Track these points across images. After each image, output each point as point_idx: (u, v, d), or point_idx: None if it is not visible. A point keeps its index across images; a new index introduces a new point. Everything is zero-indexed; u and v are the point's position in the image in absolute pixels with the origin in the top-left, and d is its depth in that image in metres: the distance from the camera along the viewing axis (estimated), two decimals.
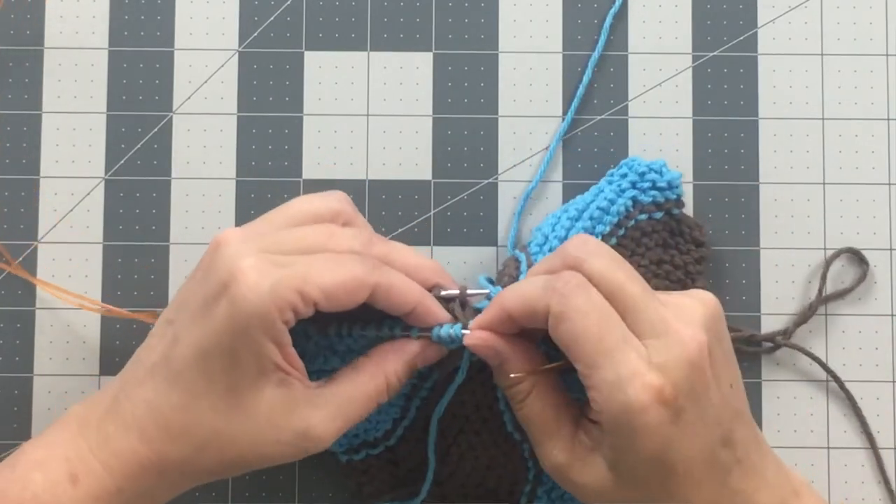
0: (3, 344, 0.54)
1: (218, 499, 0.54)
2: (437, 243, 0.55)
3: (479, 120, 0.55)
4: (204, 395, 0.42)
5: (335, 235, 0.44)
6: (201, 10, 0.56)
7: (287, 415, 0.43)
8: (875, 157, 0.55)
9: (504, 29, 0.56)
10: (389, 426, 0.52)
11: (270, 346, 0.42)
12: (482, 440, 0.51)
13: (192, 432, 0.43)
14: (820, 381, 0.54)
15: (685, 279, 0.52)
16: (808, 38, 0.56)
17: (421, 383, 0.50)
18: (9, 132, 0.55)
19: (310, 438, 0.43)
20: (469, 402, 0.50)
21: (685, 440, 0.41)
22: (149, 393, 0.43)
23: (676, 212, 0.52)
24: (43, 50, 0.55)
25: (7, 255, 0.54)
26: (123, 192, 0.55)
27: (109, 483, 0.43)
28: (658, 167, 0.52)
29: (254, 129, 0.55)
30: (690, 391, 0.41)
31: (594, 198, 0.52)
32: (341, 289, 0.42)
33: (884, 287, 0.55)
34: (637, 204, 0.52)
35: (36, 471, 0.43)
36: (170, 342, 0.43)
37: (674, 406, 0.40)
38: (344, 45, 0.56)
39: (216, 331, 0.42)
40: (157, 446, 0.43)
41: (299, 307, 0.42)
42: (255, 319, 0.41)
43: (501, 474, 0.52)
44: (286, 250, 0.43)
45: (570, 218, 0.51)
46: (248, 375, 0.42)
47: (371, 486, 0.52)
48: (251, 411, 0.42)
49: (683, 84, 0.55)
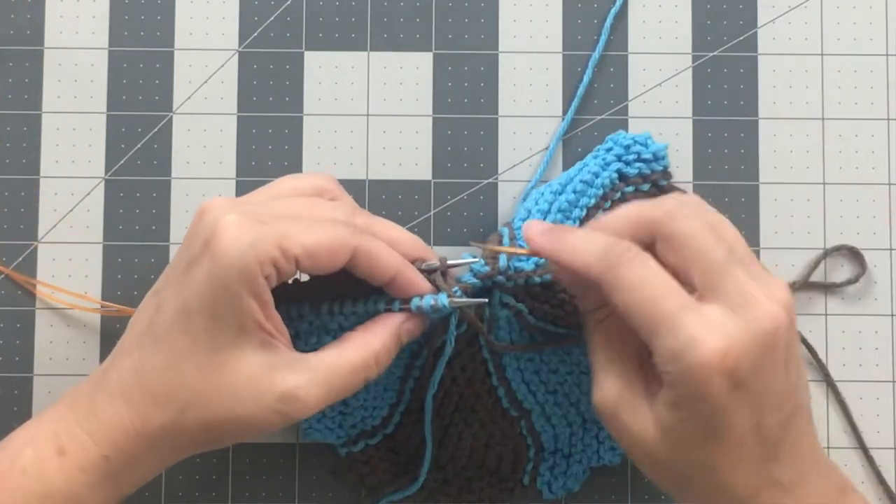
0: (3, 344, 0.54)
1: (218, 499, 0.54)
2: (437, 243, 0.55)
3: (479, 120, 0.55)
4: (186, 355, 0.42)
5: (318, 205, 0.45)
6: (201, 10, 0.56)
7: (268, 377, 0.42)
8: (875, 157, 0.55)
9: (504, 29, 0.56)
10: (386, 412, 0.52)
11: (251, 302, 0.42)
12: (479, 417, 0.51)
13: (175, 393, 0.43)
14: (819, 382, 0.54)
15: None
16: (808, 38, 0.56)
17: (413, 362, 0.51)
18: (9, 132, 0.55)
19: (290, 402, 0.42)
20: (461, 378, 0.50)
21: (739, 413, 0.40)
22: (134, 359, 0.44)
23: (664, 182, 0.53)
24: (43, 50, 0.55)
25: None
26: (123, 192, 0.55)
27: (95, 452, 0.43)
28: (643, 139, 0.53)
29: (254, 129, 0.55)
30: (756, 367, 0.40)
31: (578, 172, 0.52)
32: (323, 247, 0.43)
33: (884, 287, 0.55)
34: (623, 177, 0.52)
35: (26, 447, 0.43)
36: (154, 309, 0.44)
37: (735, 377, 0.39)
38: (344, 45, 0.56)
39: (198, 287, 0.42)
40: (141, 410, 0.43)
41: (280, 261, 0.42)
42: (234, 272, 0.41)
43: (502, 453, 0.52)
44: (270, 215, 0.44)
45: (552, 192, 0.52)
46: (229, 333, 0.42)
47: (373, 476, 0.52)
48: (232, 371, 0.42)
49: (683, 84, 0.55)
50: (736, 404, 0.40)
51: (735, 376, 0.39)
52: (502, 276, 0.48)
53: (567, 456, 0.53)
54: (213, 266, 0.41)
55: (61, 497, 0.42)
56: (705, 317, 0.40)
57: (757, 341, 0.40)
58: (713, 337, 0.39)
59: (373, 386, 0.51)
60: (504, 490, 0.53)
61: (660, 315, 0.40)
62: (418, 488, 0.52)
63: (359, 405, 0.51)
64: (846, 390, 0.54)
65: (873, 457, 0.54)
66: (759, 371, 0.40)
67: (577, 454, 0.53)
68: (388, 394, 0.52)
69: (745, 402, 0.40)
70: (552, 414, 0.52)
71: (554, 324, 0.50)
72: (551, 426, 0.53)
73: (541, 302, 0.50)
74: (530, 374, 0.52)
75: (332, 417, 0.51)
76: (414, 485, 0.52)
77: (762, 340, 0.40)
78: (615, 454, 0.53)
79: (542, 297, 0.50)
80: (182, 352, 0.42)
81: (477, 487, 0.53)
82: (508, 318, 0.50)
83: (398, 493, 0.52)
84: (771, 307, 0.40)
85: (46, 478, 0.42)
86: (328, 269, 0.44)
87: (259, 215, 0.43)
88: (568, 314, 0.50)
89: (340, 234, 0.43)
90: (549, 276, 0.50)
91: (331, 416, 0.51)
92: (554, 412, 0.52)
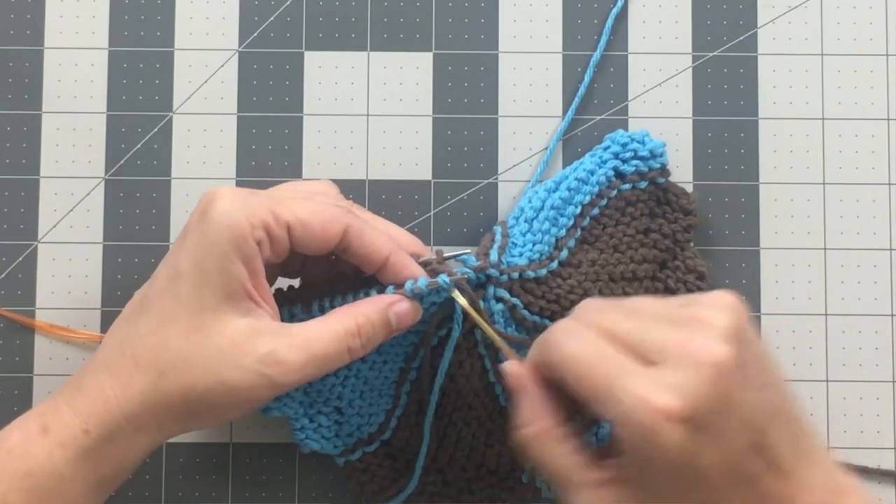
0: (3, 344, 0.54)
1: (218, 499, 0.54)
2: (437, 243, 0.55)
3: (479, 120, 0.55)
4: (172, 318, 0.43)
5: (317, 195, 0.46)
6: (201, 10, 0.56)
7: (251, 340, 0.43)
8: (875, 157, 0.55)
9: (504, 29, 0.56)
10: (382, 419, 0.52)
11: (239, 266, 0.42)
12: (477, 415, 0.51)
13: (157, 356, 0.43)
14: (820, 382, 0.54)
15: (674, 247, 0.53)
16: (808, 38, 0.56)
17: (409, 366, 0.50)
18: (9, 132, 0.55)
19: (272, 364, 0.42)
20: (458, 375, 0.50)
21: (708, 452, 0.40)
22: (122, 331, 0.44)
23: (661, 180, 0.53)
24: (43, 50, 0.55)
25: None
26: (123, 192, 0.55)
27: (76, 426, 0.43)
28: (640, 137, 0.53)
29: (254, 129, 0.55)
30: (711, 406, 0.39)
31: (574, 170, 0.52)
32: (316, 217, 0.44)
33: (884, 287, 0.55)
34: (619, 174, 0.52)
35: (14, 429, 0.44)
36: (148, 285, 0.45)
37: (693, 422, 0.39)
38: (344, 45, 0.56)
39: (188, 250, 0.43)
40: (123, 378, 0.43)
41: (272, 226, 0.43)
42: (225, 231, 0.42)
43: (501, 451, 0.52)
44: (267, 192, 0.45)
45: (546, 189, 0.52)
46: (215, 296, 0.42)
47: (372, 483, 0.52)
48: (216, 335, 0.42)
49: (683, 84, 0.55)
50: (703, 445, 0.39)
51: (693, 421, 0.39)
52: (495, 269, 0.49)
53: None
54: (206, 226, 0.43)
55: (43, 475, 0.42)
56: (651, 376, 0.39)
57: (703, 383, 0.39)
58: (661, 392, 0.39)
59: (368, 392, 0.51)
60: (504, 489, 0.53)
61: (603, 385, 0.40)
62: (419, 492, 0.52)
63: (354, 413, 0.51)
64: (846, 390, 0.54)
65: (873, 457, 0.54)
66: (716, 408, 0.39)
67: None
68: (383, 399, 0.51)
69: (711, 439, 0.39)
70: None
71: (550, 319, 0.50)
72: None
73: (535, 297, 0.50)
74: None
75: (328, 427, 0.51)
76: (411, 483, 0.52)
77: (708, 380, 0.39)
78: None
79: (537, 292, 0.50)
80: (167, 316, 0.43)
81: (477, 488, 0.53)
82: (503, 312, 0.50)
83: (398, 496, 0.52)
84: (705, 345, 0.39)
85: (29, 456, 0.42)
86: (321, 245, 0.44)
87: (256, 192, 0.44)
88: (564, 309, 0.50)
89: (334, 209, 0.44)
90: (542, 270, 0.50)
91: (327, 426, 0.51)
92: None
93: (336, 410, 0.51)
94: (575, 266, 0.52)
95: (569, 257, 0.51)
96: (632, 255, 0.52)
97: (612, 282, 0.52)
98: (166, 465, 0.54)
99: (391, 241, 0.46)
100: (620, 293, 0.52)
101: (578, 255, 0.52)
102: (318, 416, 0.50)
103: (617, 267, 0.52)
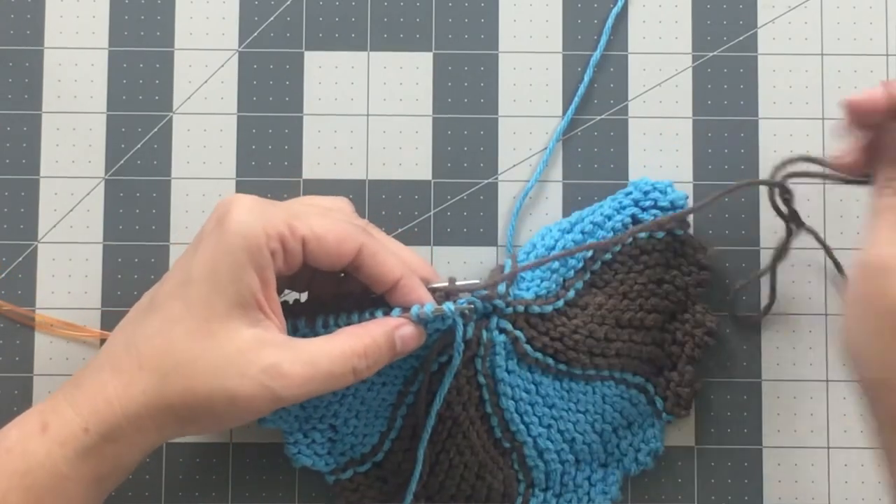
0: (3, 344, 0.54)
1: (218, 499, 0.54)
2: (437, 243, 0.55)
3: (479, 120, 0.55)
4: (179, 320, 0.43)
5: (333, 211, 0.47)
6: (201, 10, 0.56)
7: (257, 350, 0.43)
8: None
9: (504, 29, 0.56)
10: (376, 440, 0.51)
11: (252, 275, 0.42)
12: (471, 444, 0.51)
13: (162, 357, 0.43)
14: (820, 382, 0.54)
15: (685, 300, 0.52)
16: (808, 38, 0.56)
17: (407, 389, 0.50)
18: (9, 132, 0.55)
19: (274, 376, 0.42)
20: (455, 402, 0.50)
21: None
22: (127, 331, 0.44)
23: (679, 232, 0.52)
24: (43, 50, 0.55)
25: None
26: (123, 192, 0.55)
27: (76, 424, 0.43)
28: (663, 187, 0.52)
29: (254, 129, 0.55)
30: None
31: (591, 213, 0.52)
32: (332, 234, 0.44)
33: None
34: (637, 222, 0.52)
35: (13, 428, 0.44)
36: (157, 287, 0.45)
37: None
38: (344, 45, 0.56)
39: (203, 257, 0.43)
40: (126, 377, 0.43)
41: (287, 238, 0.43)
42: (240, 239, 0.42)
43: (492, 484, 0.52)
44: (285, 204, 0.46)
45: (560, 229, 0.52)
46: (225, 303, 0.42)
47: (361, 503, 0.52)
48: (222, 341, 0.42)
49: (683, 84, 0.55)
50: None
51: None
52: (501, 300, 0.49)
53: (557, 495, 0.53)
54: (222, 233, 0.43)
55: (42, 473, 0.42)
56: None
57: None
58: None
59: (364, 412, 0.51)
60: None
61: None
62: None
63: (349, 432, 0.51)
64: (846, 390, 0.54)
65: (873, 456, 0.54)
66: None
67: (567, 494, 0.53)
68: (379, 421, 0.51)
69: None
70: (544, 449, 0.52)
71: (553, 357, 0.50)
72: (543, 462, 0.52)
73: (539, 332, 0.50)
74: (525, 405, 0.51)
75: (321, 443, 0.51)
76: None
77: None
78: (606, 499, 0.53)
79: (541, 328, 0.50)
80: (175, 319, 0.43)
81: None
82: (505, 344, 0.50)
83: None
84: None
85: (28, 454, 0.42)
86: (334, 261, 0.44)
87: (274, 203, 0.45)
88: (567, 348, 0.50)
89: (350, 227, 0.45)
90: (549, 307, 0.50)
91: (320, 442, 0.51)
92: (546, 447, 0.52)
93: (331, 428, 0.51)
94: (581, 307, 0.51)
95: (575, 298, 0.51)
96: (641, 304, 0.51)
97: (618, 327, 0.51)
98: (166, 465, 0.54)
99: (403, 263, 0.46)
100: (627, 339, 0.51)
101: (586, 297, 0.51)
102: (312, 432, 0.50)
103: (625, 313, 0.51)
